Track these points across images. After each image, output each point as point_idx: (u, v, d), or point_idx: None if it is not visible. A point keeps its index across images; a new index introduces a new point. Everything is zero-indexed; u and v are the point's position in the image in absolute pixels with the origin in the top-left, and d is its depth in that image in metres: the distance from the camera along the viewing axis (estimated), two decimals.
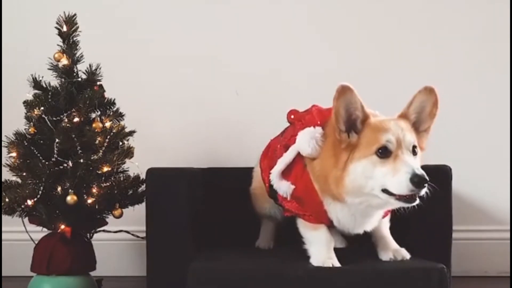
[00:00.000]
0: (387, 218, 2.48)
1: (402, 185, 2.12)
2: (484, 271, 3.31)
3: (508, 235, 3.30)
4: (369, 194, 2.19)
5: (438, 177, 2.68)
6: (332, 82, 3.28)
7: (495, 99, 3.36)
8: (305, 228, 2.41)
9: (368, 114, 2.24)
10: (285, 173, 2.38)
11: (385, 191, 2.17)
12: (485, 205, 3.35)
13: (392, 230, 2.74)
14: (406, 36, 3.38)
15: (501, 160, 3.34)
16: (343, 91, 2.19)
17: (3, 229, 3.28)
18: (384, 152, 2.17)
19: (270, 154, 2.55)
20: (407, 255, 2.40)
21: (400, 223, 2.71)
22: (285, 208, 2.45)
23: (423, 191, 2.14)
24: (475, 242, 3.31)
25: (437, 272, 2.21)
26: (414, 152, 2.21)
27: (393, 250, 2.42)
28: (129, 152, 2.83)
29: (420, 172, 2.11)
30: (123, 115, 2.91)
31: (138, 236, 2.98)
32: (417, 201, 2.17)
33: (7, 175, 2.82)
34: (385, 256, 2.41)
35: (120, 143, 2.84)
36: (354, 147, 2.20)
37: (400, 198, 2.15)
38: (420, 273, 2.23)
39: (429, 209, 2.59)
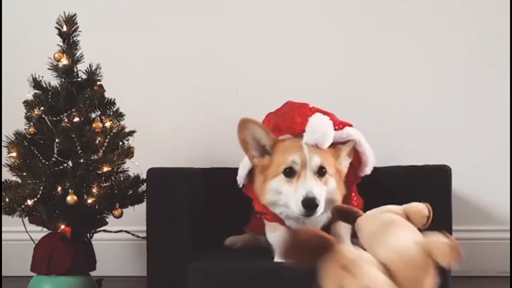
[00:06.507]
0: None
1: (297, 206, 2.29)
2: (484, 271, 3.31)
3: (508, 235, 3.29)
4: (284, 205, 2.37)
5: (438, 177, 2.69)
6: (334, 81, 3.34)
7: (495, 99, 3.36)
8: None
9: (275, 139, 2.41)
10: None
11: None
12: (485, 205, 3.35)
13: None
14: (407, 36, 3.38)
15: (501, 160, 3.34)
16: (245, 124, 2.38)
17: (3, 229, 3.27)
18: (290, 172, 2.34)
19: None
20: None
21: None
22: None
23: (318, 213, 2.29)
24: (475, 242, 3.30)
25: (437, 269, 2.20)
26: (320, 173, 2.34)
27: None
28: (129, 152, 2.84)
29: (312, 195, 2.26)
30: (123, 115, 2.91)
31: (138, 236, 2.98)
32: (317, 214, 2.30)
33: (7, 175, 2.82)
34: None
35: (120, 143, 2.84)
36: (268, 167, 2.40)
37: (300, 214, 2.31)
38: None
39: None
